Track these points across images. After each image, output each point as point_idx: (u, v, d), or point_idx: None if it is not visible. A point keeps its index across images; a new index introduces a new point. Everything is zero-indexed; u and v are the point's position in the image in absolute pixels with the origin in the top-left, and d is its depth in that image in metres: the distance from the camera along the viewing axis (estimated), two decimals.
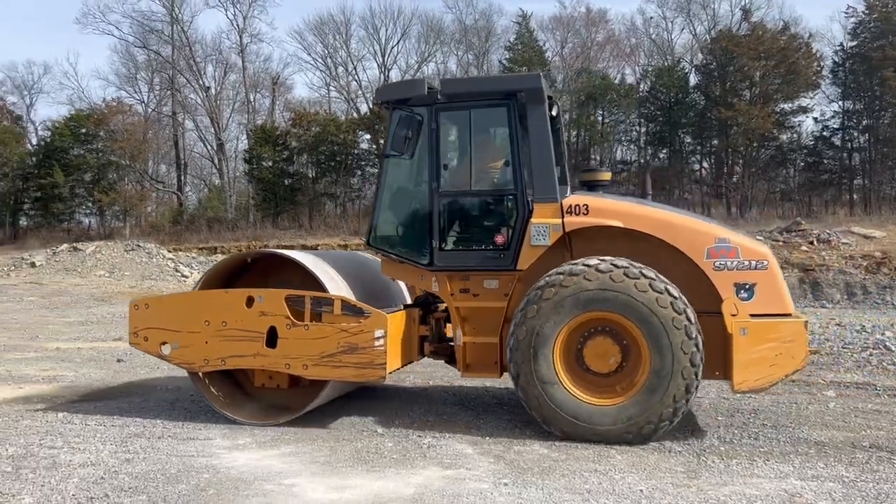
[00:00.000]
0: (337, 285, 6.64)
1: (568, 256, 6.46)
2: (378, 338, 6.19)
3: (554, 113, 6.94)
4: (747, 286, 6.08)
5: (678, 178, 47.99)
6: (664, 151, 49.15)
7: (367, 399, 7.82)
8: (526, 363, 6.09)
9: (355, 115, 51.64)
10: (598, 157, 50.66)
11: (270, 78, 54.67)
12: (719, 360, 6.13)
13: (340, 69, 53.63)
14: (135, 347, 7.12)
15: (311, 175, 50.95)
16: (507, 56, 48.94)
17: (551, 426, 6.15)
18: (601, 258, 6.10)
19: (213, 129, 52.12)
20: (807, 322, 6.02)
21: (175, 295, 7.50)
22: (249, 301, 6.52)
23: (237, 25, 52.38)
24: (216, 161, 52.96)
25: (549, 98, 6.77)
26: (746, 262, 6.10)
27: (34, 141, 58.56)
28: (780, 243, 21.73)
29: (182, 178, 54.74)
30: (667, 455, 5.83)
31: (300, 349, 6.35)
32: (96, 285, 24.51)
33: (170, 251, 32.59)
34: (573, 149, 49.34)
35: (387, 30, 53.35)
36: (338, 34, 52.92)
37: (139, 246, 31.24)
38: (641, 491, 4.98)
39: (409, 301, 7.78)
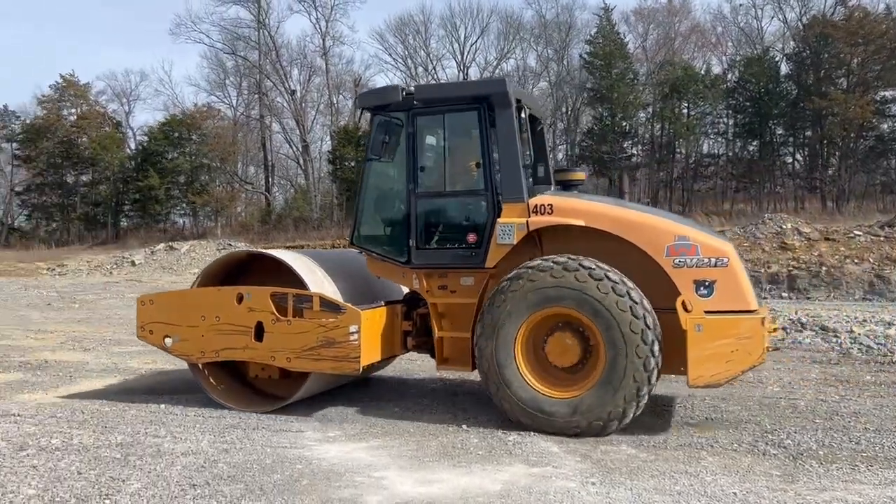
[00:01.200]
0: (319, 283, 6.93)
1: (539, 254, 6.62)
2: (353, 332, 6.49)
3: (524, 116, 7.09)
4: (707, 283, 6.09)
5: (769, 171, 46.14)
6: (754, 143, 47.38)
7: (452, 395, 7.90)
8: (489, 354, 6.34)
9: None
10: (682, 151, 49.29)
11: (353, 79, 55.77)
12: (683, 357, 6.06)
13: (420, 69, 54.20)
14: (142, 340, 7.62)
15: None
16: (588, 50, 48.23)
17: (511, 415, 6.38)
18: (570, 257, 6.25)
19: (298, 131, 53.69)
20: (764, 319, 5.98)
21: (176, 292, 7.98)
22: (239, 298, 6.95)
23: (320, 29, 53.78)
24: (301, 162, 54.50)
25: (518, 101, 6.92)
26: (706, 260, 6.10)
27: (132, 146, 61.76)
28: (882, 238, 20.59)
29: (269, 178, 56.59)
30: (761, 458, 5.65)
31: (284, 343, 6.74)
32: (191, 283, 25.60)
33: (258, 250, 33.73)
34: (657, 143, 48.20)
35: (466, 28, 53.60)
36: (417, 34, 53.59)
37: (230, 245, 32.53)
38: (735, 494, 4.85)
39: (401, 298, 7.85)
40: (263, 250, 7.52)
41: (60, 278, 33.29)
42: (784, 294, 19.94)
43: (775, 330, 6.95)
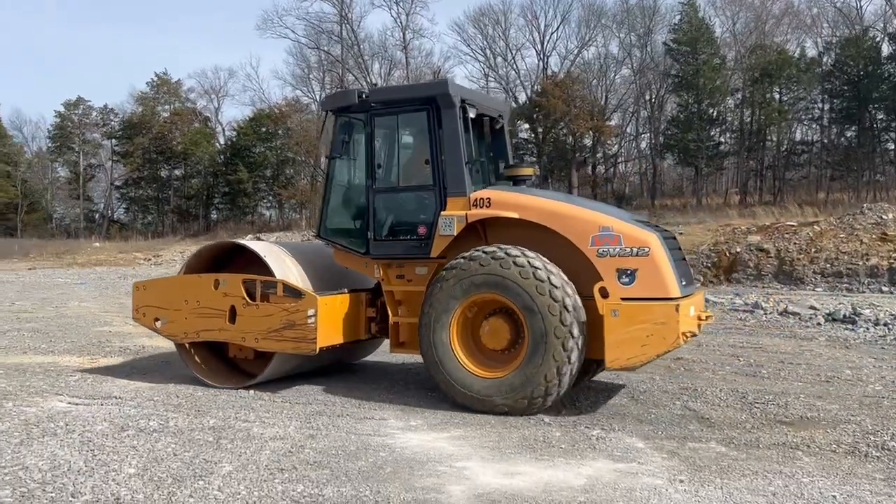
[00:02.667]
0: (286, 271, 7.47)
1: (483, 244, 6.95)
2: (310, 316, 7.04)
3: (472, 115, 7.49)
4: (629, 272, 6.35)
5: (868, 158, 43.64)
6: (852, 129, 44.90)
7: None
8: (428, 337, 6.84)
9: (514, 104, 51.67)
10: (774, 138, 47.22)
11: (432, 72, 56.00)
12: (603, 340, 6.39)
13: (499, 59, 53.89)
14: (136, 322, 8.38)
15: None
16: (672, 37, 46.78)
17: (447, 393, 6.86)
18: (500, 246, 6.68)
19: None
20: (679, 306, 6.16)
21: (164, 279, 8.53)
22: (216, 284, 7.62)
23: (400, 23, 54.21)
24: None
25: (464, 101, 7.30)
26: (628, 249, 6.37)
27: (222, 141, 64.02)
28: None
29: None
30: (862, 460, 5.35)
31: (253, 325, 7.37)
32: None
33: None
34: (746, 130, 46.35)
35: (546, 16, 53.02)
36: (497, 24, 53.22)
37: (314, 236, 33.26)
38: (835, 498, 4.61)
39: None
40: (241, 241, 8.20)
41: (156, 268, 34.97)
42: (885, 288, 18.87)
43: (709, 317, 7.11)
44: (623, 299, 6.31)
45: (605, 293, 6.36)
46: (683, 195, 48.43)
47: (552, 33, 53.04)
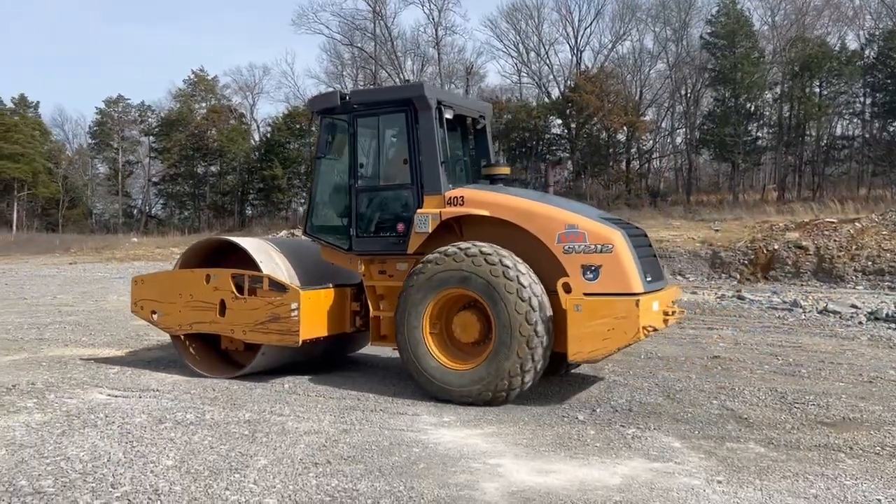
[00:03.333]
0: (273, 266, 7.76)
1: (460, 241, 7.17)
2: (293, 309, 7.31)
3: (449, 116, 7.69)
4: (593, 268, 6.55)
5: None
6: (895, 124, 43.69)
7: (567, 385, 7.78)
8: (403, 329, 7.10)
9: (546, 99, 51.37)
10: (813, 133, 46.20)
11: (464, 68, 55.94)
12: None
13: (532, 54, 53.57)
14: (135, 314, 8.72)
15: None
16: (709, 30, 46.01)
17: (419, 383, 7.12)
18: (474, 243, 6.90)
19: None
20: (639, 301, 6.30)
21: (161, 273, 8.89)
22: (207, 278, 7.92)
23: (433, 19, 54.16)
24: None
25: (440, 103, 7.52)
26: (593, 246, 6.58)
27: (257, 137, 64.73)
28: None
29: None
30: None
31: (241, 318, 7.66)
32: None
33: None
34: (785, 125, 45.44)
35: (580, 10, 52.60)
36: (530, 19, 52.90)
37: None
38: (879, 501, 4.49)
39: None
40: (231, 238, 8.41)
41: None
42: None
43: (676, 313, 7.21)
44: (586, 294, 6.51)
45: (568, 288, 6.56)
46: (720, 191, 47.67)
47: (586, 28, 52.59)
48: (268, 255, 7.91)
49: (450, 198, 7.27)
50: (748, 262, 22.12)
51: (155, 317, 8.36)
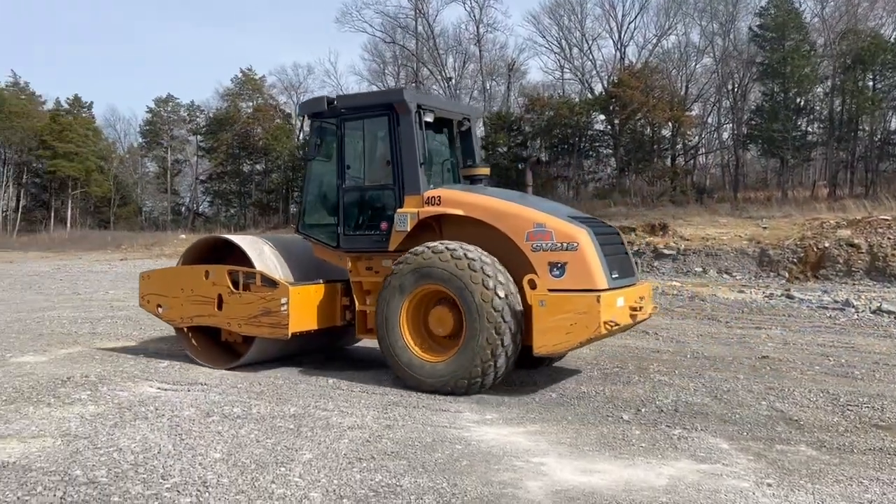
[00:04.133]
0: (266, 263, 8.17)
1: (438, 239, 7.51)
2: (283, 304, 7.68)
3: (429, 119, 7.99)
4: (559, 265, 6.84)
5: None
6: None
7: (611, 384, 7.70)
8: (382, 323, 7.45)
9: (589, 95, 50.85)
10: (866, 128, 44.79)
11: (506, 65, 55.70)
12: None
13: (575, 50, 53.06)
14: (142, 308, 9.19)
15: (544, 159, 51.16)
16: (758, 23, 44.94)
17: (396, 374, 7.48)
18: (445, 242, 7.26)
19: None
20: (600, 297, 6.53)
21: (165, 269, 9.31)
22: (206, 274, 8.37)
23: (474, 16, 54.04)
24: None
25: (420, 106, 7.84)
26: (559, 244, 6.87)
27: (301, 136, 65.42)
28: None
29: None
30: None
31: (236, 312, 8.07)
32: None
33: None
34: (836, 119, 44.19)
35: (624, 5, 51.87)
36: (573, 15, 52.37)
37: None
38: None
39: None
40: (227, 236, 8.76)
41: None
42: None
43: (643, 308, 7.32)
44: (550, 290, 6.77)
45: (533, 284, 6.79)
46: (768, 188, 46.56)
47: (630, 22, 51.81)
48: (262, 252, 8.36)
49: (428, 198, 7.60)
50: (797, 260, 21.58)
51: (160, 310, 8.84)
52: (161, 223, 66.45)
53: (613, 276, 6.96)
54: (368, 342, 9.47)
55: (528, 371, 8.38)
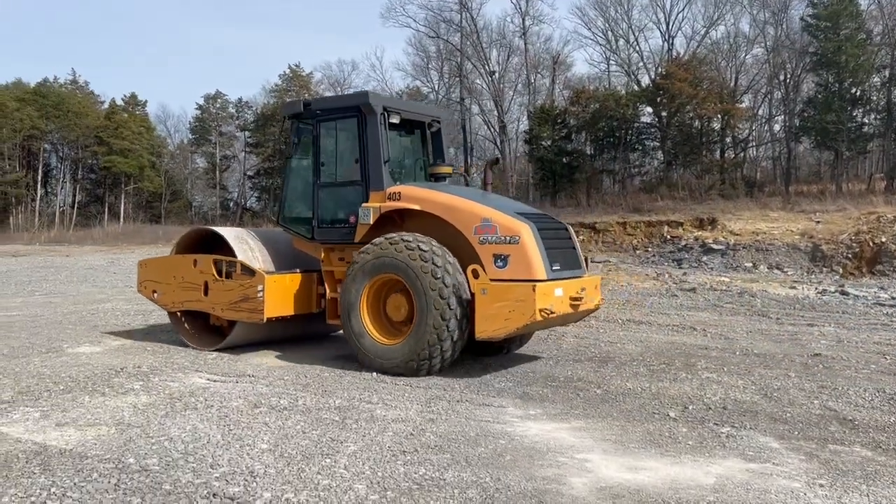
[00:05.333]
0: (248, 253, 8.85)
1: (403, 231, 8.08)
2: (259, 291, 8.35)
3: (395, 121, 8.61)
4: (503, 256, 7.39)
5: None
6: None
7: (658, 381, 7.59)
8: (345, 309, 8.07)
9: (636, 87, 50.09)
10: None
11: (551, 57, 55.21)
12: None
13: (621, 42, 52.34)
14: (140, 294, 9.95)
15: (588, 152, 50.64)
16: (811, 12, 43.63)
17: (357, 357, 8.07)
18: (400, 234, 7.83)
19: (496, 112, 54.22)
20: (536, 287, 7.03)
21: (160, 258, 10.07)
22: (195, 263, 9.07)
23: (520, 9, 53.68)
24: (499, 143, 55.07)
25: (385, 108, 8.47)
26: (503, 237, 7.41)
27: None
28: None
29: (468, 160, 57.85)
30: None
31: (220, 297, 8.77)
32: None
33: None
34: (894, 110, 42.63)
35: None
36: (619, 6, 51.63)
37: None
38: None
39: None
40: (214, 227, 9.40)
41: None
42: None
43: (583, 299, 7.81)
44: (494, 280, 7.32)
45: (476, 274, 7.34)
46: (821, 181, 45.21)
47: (678, 13, 50.87)
48: (245, 243, 9.05)
49: (390, 193, 8.20)
50: (852, 255, 20.94)
51: (155, 295, 9.58)
52: (210, 218, 67.80)
53: (554, 268, 7.50)
54: None
55: (571, 366, 8.33)
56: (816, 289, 16.94)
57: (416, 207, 8.00)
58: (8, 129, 61.26)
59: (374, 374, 7.83)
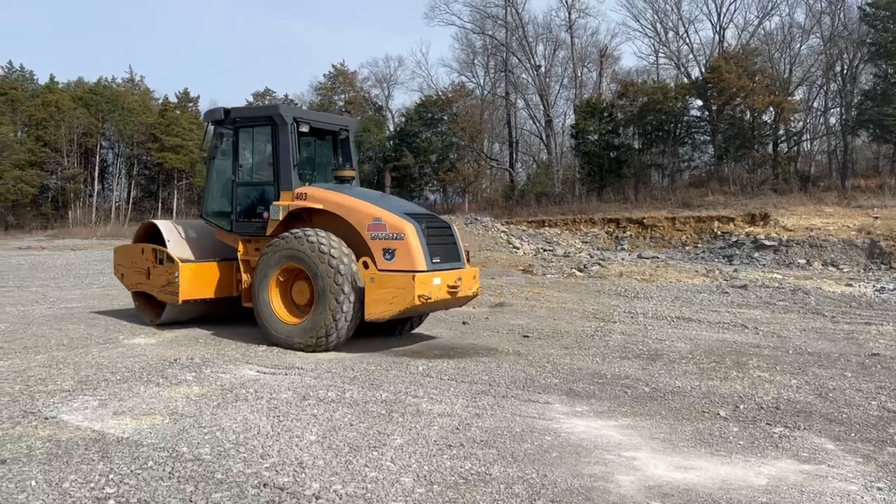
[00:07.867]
0: (178, 244, 10.26)
1: (310, 227, 9.17)
2: (176, 276, 9.80)
3: (305, 130, 9.76)
4: (390, 250, 8.53)
5: None
6: None
7: (708, 379, 7.46)
8: (255, 294, 9.26)
9: (685, 80, 49.16)
10: None
11: (598, 51, 54.57)
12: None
13: (671, 34, 51.43)
14: (115, 276, 11.33)
15: (636, 146, 49.91)
16: (869, 1, 42.15)
17: (264, 335, 9.19)
18: (304, 229, 8.95)
19: (542, 107, 53.85)
20: (415, 276, 8.21)
21: (125, 245, 11.40)
22: (142, 251, 10.50)
23: (566, 2, 53.16)
24: (544, 137, 54.70)
25: (296, 119, 9.64)
26: (390, 234, 8.56)
27: (391, 127, 66.42)
28: None
29: (514, 155, 57.62)
30: None
31: (156, 281, 10.22)
32: None
33: (503, 224, 34.65)
34: None
35: None
36: None
37: (476, 220, 33.73)
38: None
39: None
40: (154, 221, 10.91)
41: None
42: None
43: (458, 287, 8.93)
44: (380, 270, 8.44)
45: (366, 265, 8.47)
46: (879, 175, 43.70)
47: (730, 4, 49.80)
48: (177, 234, 10.44)
49: (298, 193, 9.29)
50: None
51: (122, 277, 11.09)
52: None
53: (434, 261, 8.64)
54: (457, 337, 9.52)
55: (619, 363, 8.24)
56: (874, 286, 16.41)
57: (320, 206, 9.09)
58: (65, 128, 63.30)
59: (420, 367, 7.88)
